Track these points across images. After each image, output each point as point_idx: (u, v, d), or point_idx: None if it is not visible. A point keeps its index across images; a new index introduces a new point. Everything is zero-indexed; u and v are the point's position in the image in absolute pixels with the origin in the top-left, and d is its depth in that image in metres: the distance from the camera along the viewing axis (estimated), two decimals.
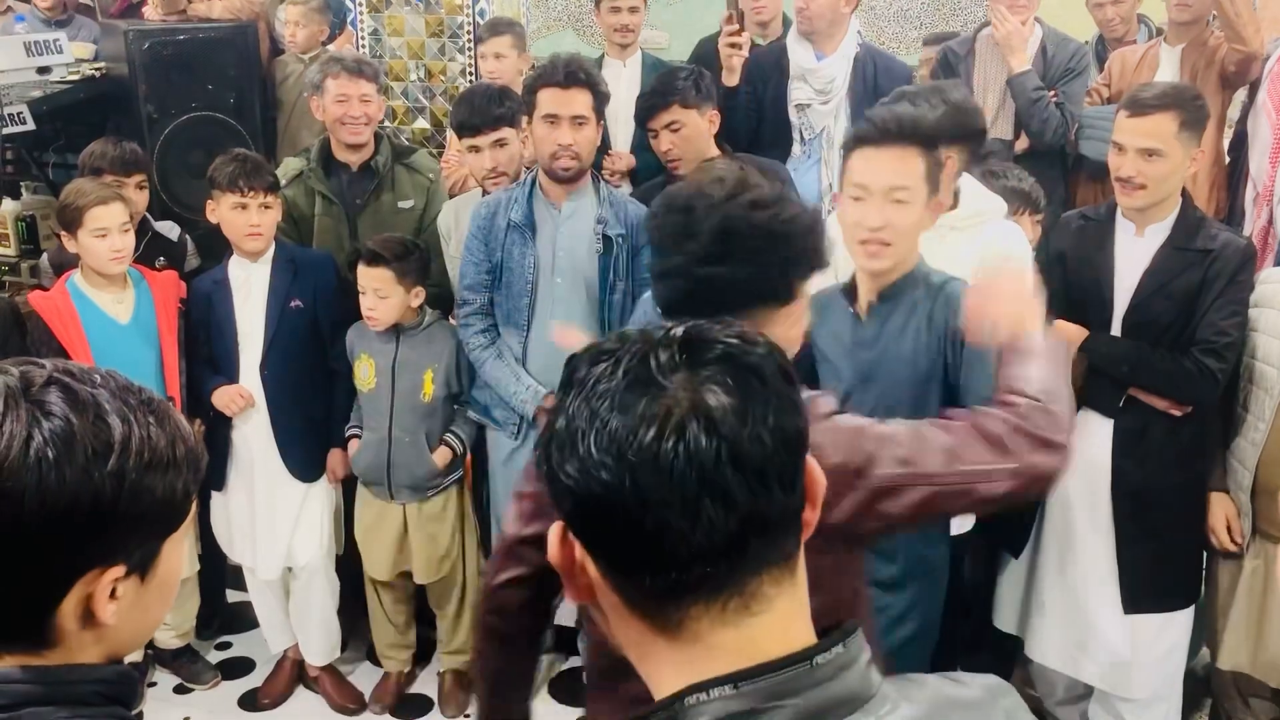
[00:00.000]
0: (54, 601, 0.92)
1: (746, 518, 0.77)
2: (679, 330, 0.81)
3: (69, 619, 0.92)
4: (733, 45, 3.31)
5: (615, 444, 0.76)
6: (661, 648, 0.81)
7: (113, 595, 0.93)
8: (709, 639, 0.80)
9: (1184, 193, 2.55)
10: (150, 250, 3.18)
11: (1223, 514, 2.56)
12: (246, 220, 2.92)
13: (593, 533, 0.80)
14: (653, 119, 2.93)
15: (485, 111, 2.88)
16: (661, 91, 2.94)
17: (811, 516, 0.84)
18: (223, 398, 3.00)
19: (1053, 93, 3.44)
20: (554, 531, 0.83)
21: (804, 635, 0.82)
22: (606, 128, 3.52)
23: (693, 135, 2.93)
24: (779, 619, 0.81)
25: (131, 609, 0.96)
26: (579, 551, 0.82)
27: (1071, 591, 2.65)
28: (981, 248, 2.40)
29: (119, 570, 0.93)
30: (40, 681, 0.91)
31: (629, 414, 0.76)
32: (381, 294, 2.88)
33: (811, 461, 0.83)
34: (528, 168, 3.18)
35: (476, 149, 2.92)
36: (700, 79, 2.98)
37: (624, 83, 3.63)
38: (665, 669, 0.81)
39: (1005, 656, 2.97)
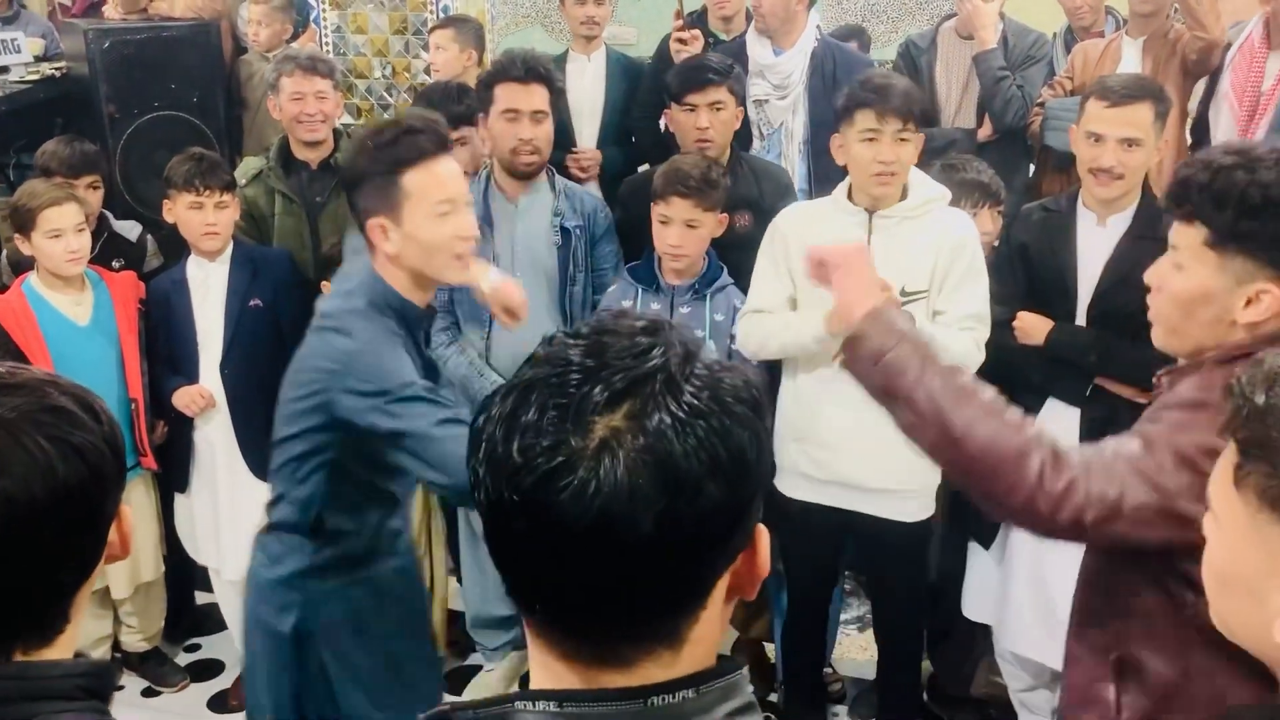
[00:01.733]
0: (100, 555, 0.98)
1: (606, 592, 0.72)
2: (652, 364, 0.73)
3: (97, 572, 0.99)
4: (681, 43, 3.30)
5: (506, 468, 0.72)
6: (531, 634, 0.79)
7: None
8: (555, 662, 0.77)
9: (1144, 182, 2.57)
10: (107, 251, 3.15)
11: None
12: (202, 219, 2.90)
13: None
14: (700, 92, 2.88)
15: (444, 110, 2.86)
16: (714, 69, 2.91)
17: (749, 591, 0.80)
18: (183, 398, 2.98)
19: (1011, 76, 3.47)
20: None
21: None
22: (572, 123, 3.53)
23: (729, 121, 2.92)
24: (637, 677, 0.75)
25: None
26: None
27: (1042, 580, 2.65)
28: (936, 235, 2.41)
29: (126, 508, 1.02)
30: (22, 677, 0.92)
31: (534, 443, 0.71)
32: None
33: (760, 542, 0.78)
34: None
35: None
36: (742, 74, 2.97)
37: (589, 78, 3.62)
38: (532, 652, 0.79)
39: (973, 646, 2.99)
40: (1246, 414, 0.90)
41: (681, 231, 2.62)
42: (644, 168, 3.26)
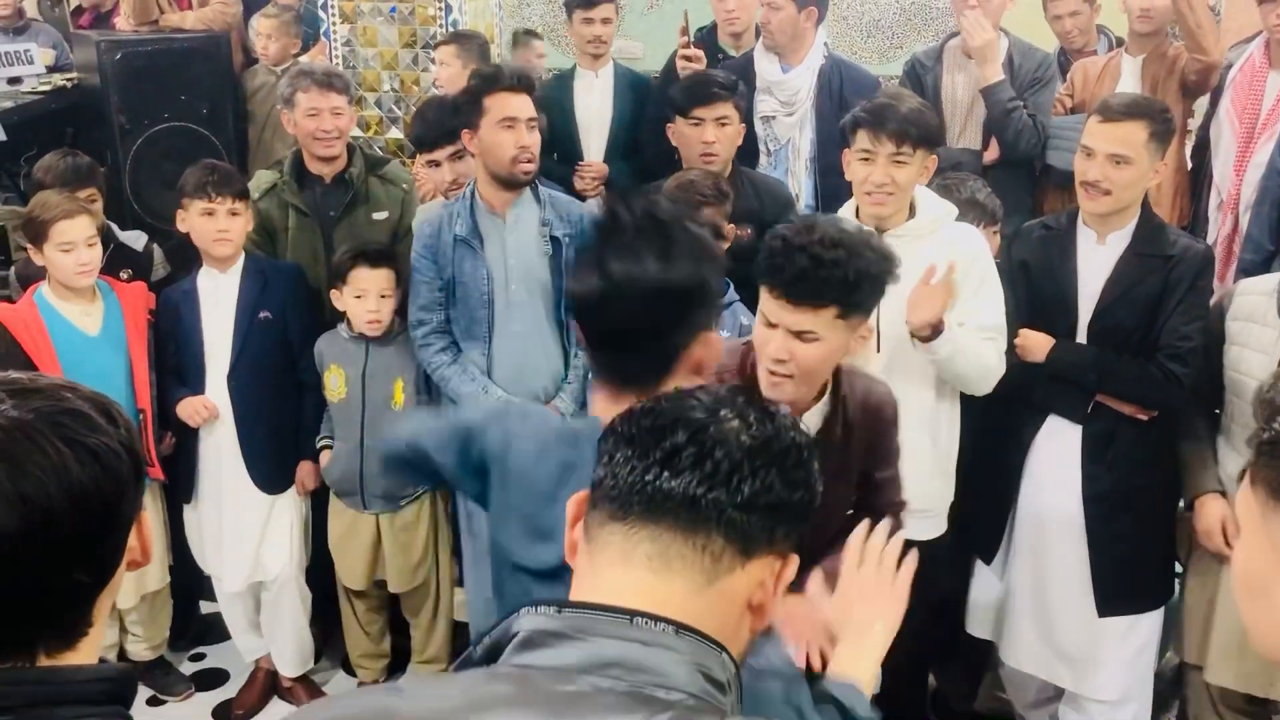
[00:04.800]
0: (119, 559, 0.99)
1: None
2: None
3: (119, 576, 1.00)
4: (686, 59, 3.33)
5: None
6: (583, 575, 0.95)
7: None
8: (602, 573, 0.92)
9: (1144, 201, 2.59)
10: (114, 262, 3.16)
11: (1218, 516, 2.51)
12: (214, 225, 2.92)
13: None
14: (707, 106, 2.92)
15: (439, 125, 2.88)
16: (723, 84, 2.96)
17: (766, 606, 0.96)
18: (187, 409, 2.99)
19: (1023, 103, 3.47)
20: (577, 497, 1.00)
21: (670, 612, 0.89)
22: (580, 138, 3.55)
23: (734, 136, 2.96)
24: (666, 586, 0.90)
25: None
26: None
27: (1044, 596, 2.67)
28: (946, 252, 2.43)
29: (147, 514, 1.04)
30: (49, 681, 0.93)
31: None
32: (385, 294, 2.92)
33: (788, 565, 0.97)
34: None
35: (436, 163, 2.92)
36: (746, 91, 3.02)
37: (596, 93, 3.65)
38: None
39: (977, 662, 3.00)
40: (1266, 416, 0.94)
41: None
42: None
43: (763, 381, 1.86)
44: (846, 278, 1.76)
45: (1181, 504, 2.64)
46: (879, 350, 2.44)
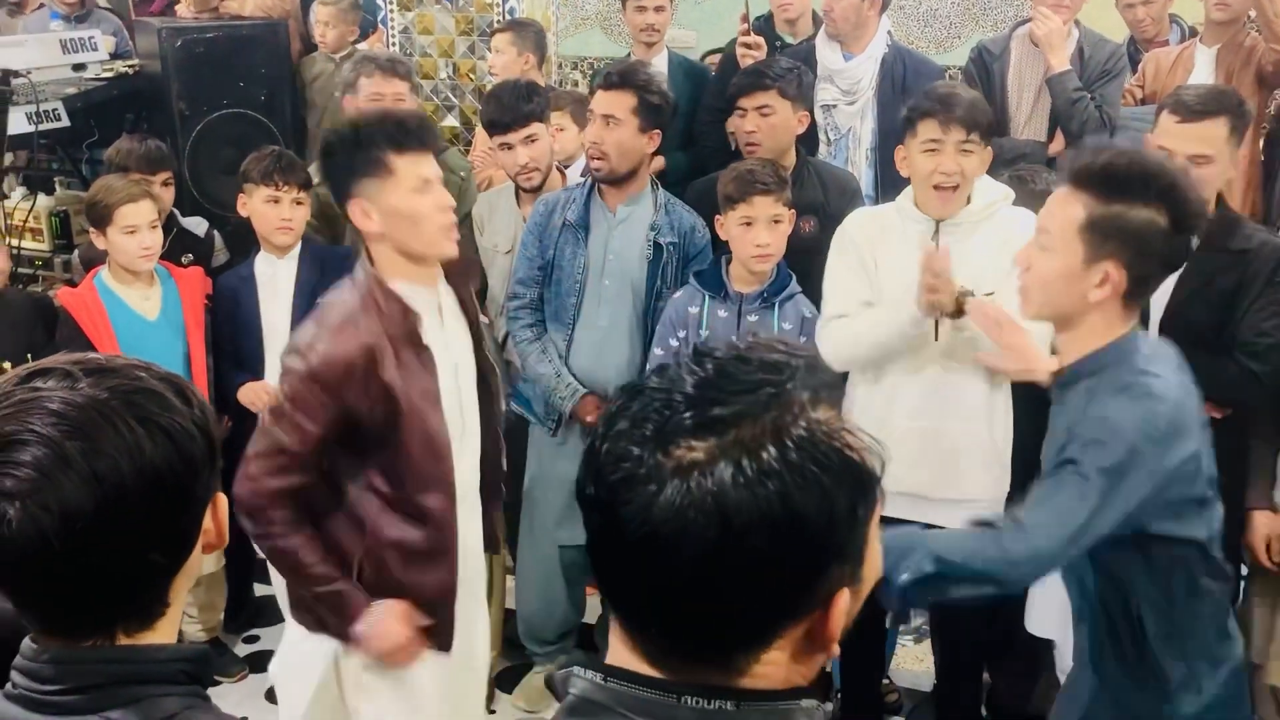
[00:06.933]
0: (194, 540, 0.99)
1: (655, 604, 0.77)
2: (754, 408, 0.75)
3: (195, 558, 1.00)
4: (746, 46, 3.29)
5: (594, 464, 0.78)
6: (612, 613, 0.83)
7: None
8: (623, 647, 0.80)
9: (1218, 194, 2.52)
10: (176, 246, 3.20)
11: (1264, 532, 2.51)
12: (278, 214, 2.94)
13: None
14: (747, 97, 2.91)
15: (514, 109, 2.88)
16: (763, 73, 2.94)
17: (824, 649, 0.80)
18: (248, 394, 3.01)
19: (1089, 95, 3.40)
20: None
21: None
22: None
23: (779, 126, 2.92)
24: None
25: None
26: None
27: None
28: (1003, 237, 2.38)
29: (223, 496, 1.03)
30: (131, 660, 0.95)
31: (622, 449, 0.76)
32: None
33: (835, 608, 0.78)
34: (563, 164, 3.18)
35: (508, 146, 2.92)
36: (803, 76, 2.98)
37: None
38: (612, 628, 0.83)
39: (1035, 661, 2.95)
40: None
41: (769, 229, 2.64)
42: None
43: None
44: None
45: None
46: (937, 339, 2.42)
